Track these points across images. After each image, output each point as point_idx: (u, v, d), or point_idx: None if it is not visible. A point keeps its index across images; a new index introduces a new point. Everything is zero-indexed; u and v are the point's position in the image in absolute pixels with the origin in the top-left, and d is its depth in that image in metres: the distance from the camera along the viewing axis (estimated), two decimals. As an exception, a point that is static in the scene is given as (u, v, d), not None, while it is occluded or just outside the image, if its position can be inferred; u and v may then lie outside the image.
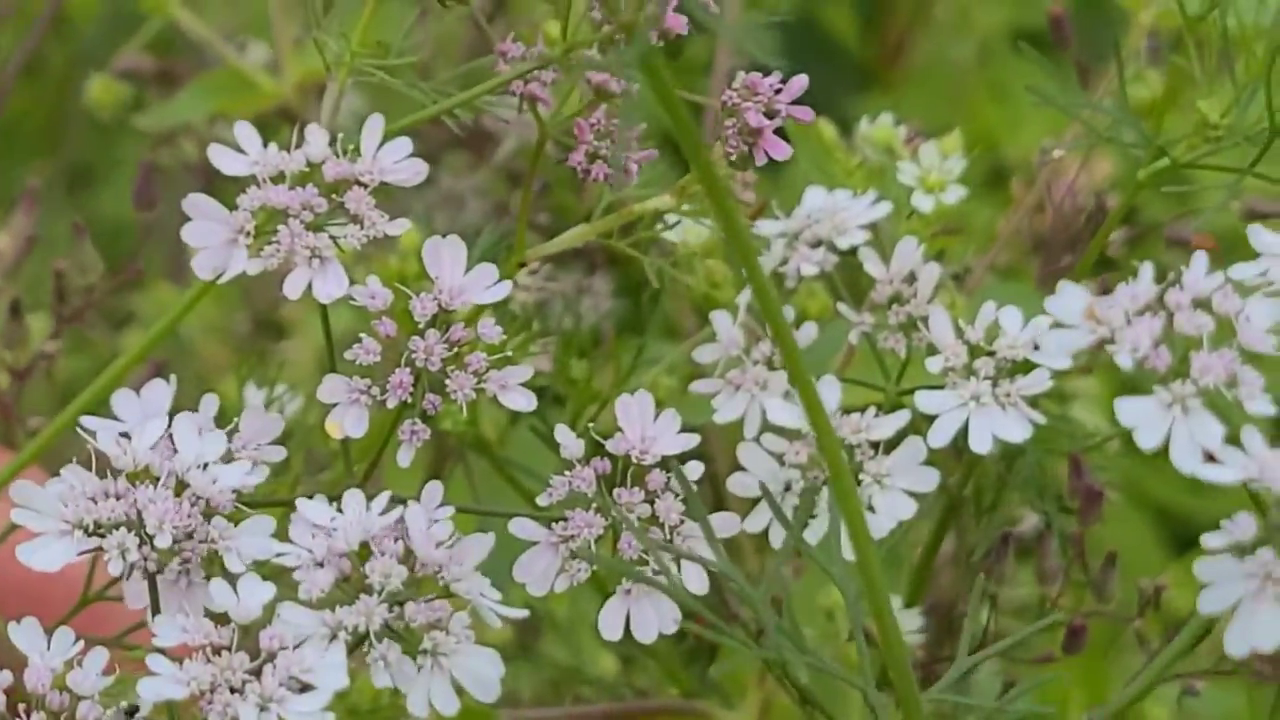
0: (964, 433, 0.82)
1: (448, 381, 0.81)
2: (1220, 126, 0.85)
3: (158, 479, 0.78)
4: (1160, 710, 1.10)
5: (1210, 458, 0.73)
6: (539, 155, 0.84)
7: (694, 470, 0.83)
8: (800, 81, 0.83)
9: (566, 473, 0.83)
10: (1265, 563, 0.71)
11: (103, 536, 0.77)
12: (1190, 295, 0.77)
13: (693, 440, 0.84)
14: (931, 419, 0.83)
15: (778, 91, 0.83)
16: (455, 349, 0.82)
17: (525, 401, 0.83)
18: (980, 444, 0.82)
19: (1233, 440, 0.73)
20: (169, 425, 0.81)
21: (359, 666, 0.77)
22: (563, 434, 0.84)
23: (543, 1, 0.81)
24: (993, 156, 1.35)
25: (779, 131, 0.83)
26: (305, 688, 0.74)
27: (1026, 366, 0.83)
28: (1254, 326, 0.76)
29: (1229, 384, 0.75)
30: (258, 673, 0.74)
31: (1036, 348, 0.83)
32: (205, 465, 0.79)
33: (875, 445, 0.84)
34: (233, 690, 0.73)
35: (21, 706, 0.75)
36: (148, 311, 1.25)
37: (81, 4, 1.38)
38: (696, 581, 0.82)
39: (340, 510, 0.79)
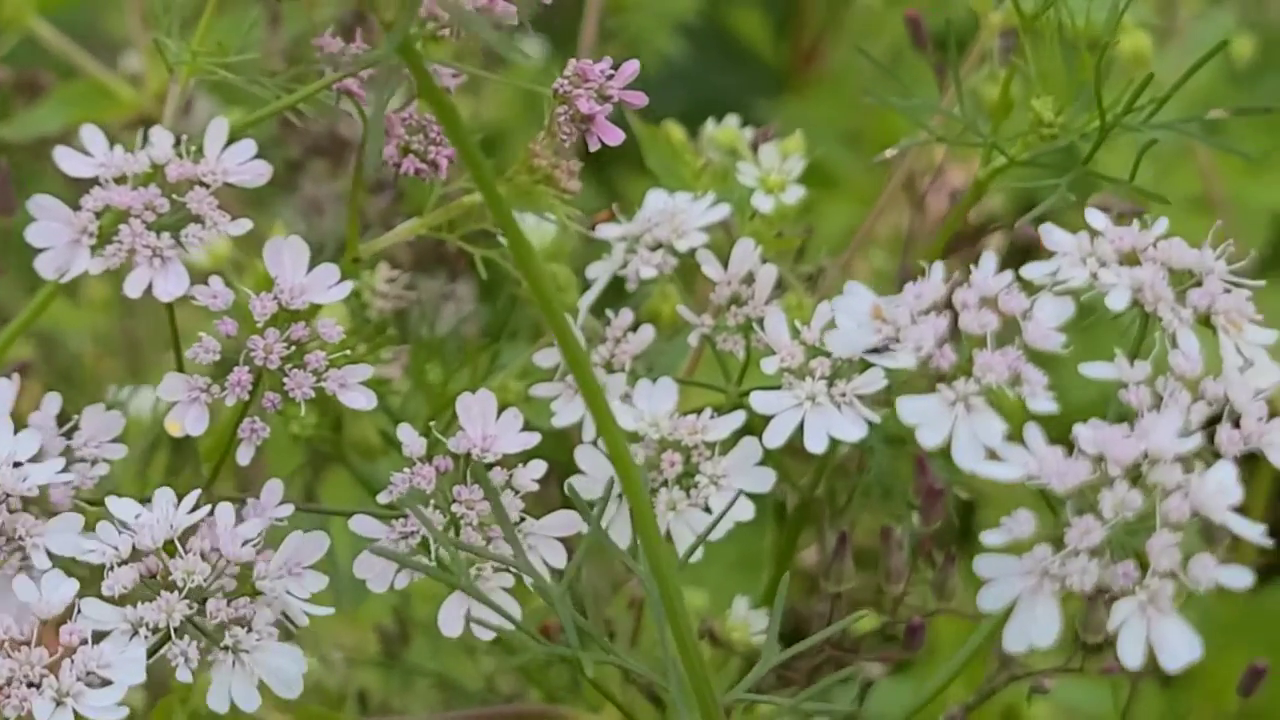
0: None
1: (286, 380, 0.82)
2: (1055, 125, 0.85)
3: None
4: (1039, 707, 1.10)
5: (994, 455, 0.74)
6: (364, 150, 0.85)
7: (536, 469, 0.84)
8: (632, 66, 0.83)
9: (407, 470, 0.83)
10: (1041, 559, 0.71)
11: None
12: (979, 294, 0.77)
13: (533, 439, 0.84)
14: (770, 419, 0.83)
15: (609, 78, 0.83)
16: (295, 347, 0.82)
17: (365, 400, 0.83)
18: (815, 444, 0.82)
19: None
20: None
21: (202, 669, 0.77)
22: (404, 433, 0.84)
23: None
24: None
25: (619, 122, 0.83)
26: (105, 683, 0.74)
27: (864, 366, 0.83)
28: (1039, 325, 0.77)
29: (1012, 382, 0.75)
30: (56, 668, 0.74)
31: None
32: (17, 463, 0.79)
33: (711, 446, 0.84)
34: (30, 685, 0.74)
35: None
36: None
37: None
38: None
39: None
